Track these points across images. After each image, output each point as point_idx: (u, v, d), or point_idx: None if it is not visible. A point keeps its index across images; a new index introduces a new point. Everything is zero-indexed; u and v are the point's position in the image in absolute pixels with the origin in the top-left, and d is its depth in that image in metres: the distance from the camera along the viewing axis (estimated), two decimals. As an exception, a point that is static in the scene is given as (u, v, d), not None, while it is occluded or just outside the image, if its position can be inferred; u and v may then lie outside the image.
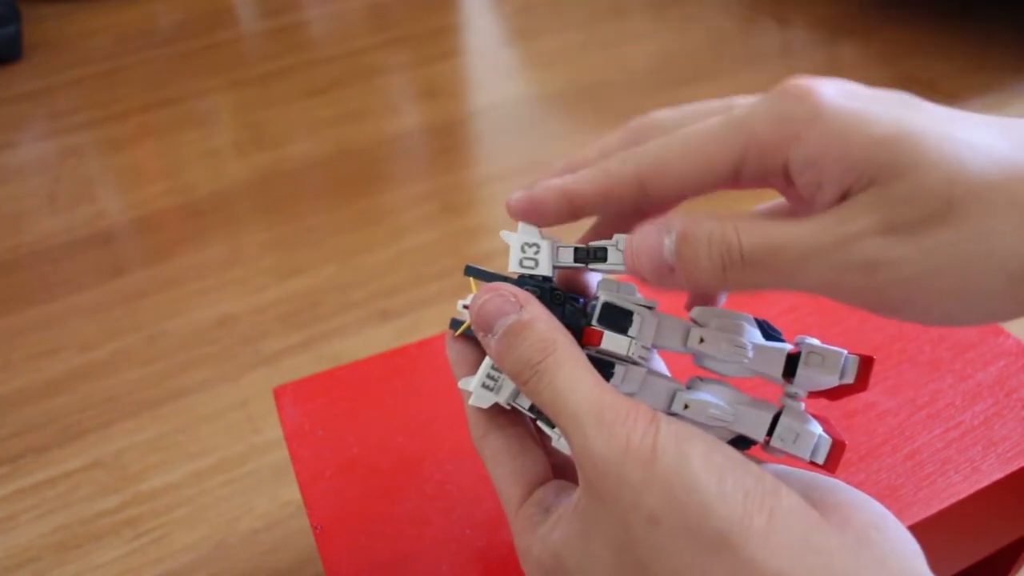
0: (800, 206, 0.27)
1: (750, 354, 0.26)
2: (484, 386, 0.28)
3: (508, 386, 0.28)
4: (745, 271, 0.23)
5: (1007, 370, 0.40)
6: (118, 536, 0.59)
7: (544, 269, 0.28)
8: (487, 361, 0.28)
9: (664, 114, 0.27)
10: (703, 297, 0.30)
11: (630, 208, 0.27)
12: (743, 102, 0.25)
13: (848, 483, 0.35)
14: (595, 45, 1.23)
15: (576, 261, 0.27)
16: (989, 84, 1.06)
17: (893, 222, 0.22)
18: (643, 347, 0.26)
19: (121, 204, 0.95)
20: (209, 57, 1.24)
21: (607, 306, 0.26)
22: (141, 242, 0.89)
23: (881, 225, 0.22)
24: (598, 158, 0.27)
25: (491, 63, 1.25)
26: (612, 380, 0.26)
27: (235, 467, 0.63)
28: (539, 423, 0.27)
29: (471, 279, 0.29)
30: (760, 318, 0.27)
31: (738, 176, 0.24)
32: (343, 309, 0.77)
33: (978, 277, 0.21)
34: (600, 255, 0.27)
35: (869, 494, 0.35)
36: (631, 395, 0.26)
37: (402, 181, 0.97)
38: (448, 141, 1.05)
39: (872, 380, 0.40)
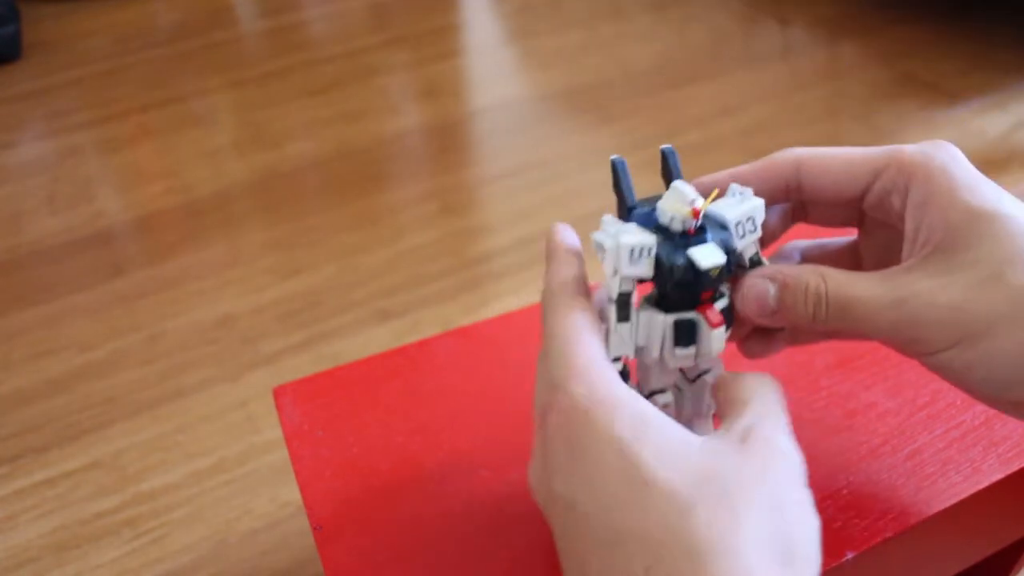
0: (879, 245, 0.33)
1: None
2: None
3: (646, 268, 0.28)
4: (829, 317, 0.29)
5: (1008, 370, 0.40)
6: (117, 536, 0.59)
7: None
8: (652, 238, 0.28)
9: None
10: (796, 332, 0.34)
11: (781, 191, 0.32)
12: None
13: (849, 483, 0.36)
14: (595, 45, 1.23)
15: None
16: (989, 84, 1.06)
17: (946, 288, 0.27)
18: None
19: (121, 204, 0.95)
20: (208, 57, 1.24)
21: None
22: (141, 242, 0.89)
23: (935, 291, 0.27)
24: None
25: (491, 63, 1.25)
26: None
27: (235, 467, 0.63)
28: (615, 305, 0.29)
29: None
30: None
31: (868, 190, 0.30)
32: (343, 309, 0.77)
33: (1007, 349, 0.27)
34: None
35: (869, 494, 0.35)
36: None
37: (402, 181, 0.97)
38: (448, 141, 1.05)
39: (873, 380, 0.40)
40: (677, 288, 0.28)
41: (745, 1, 1.32)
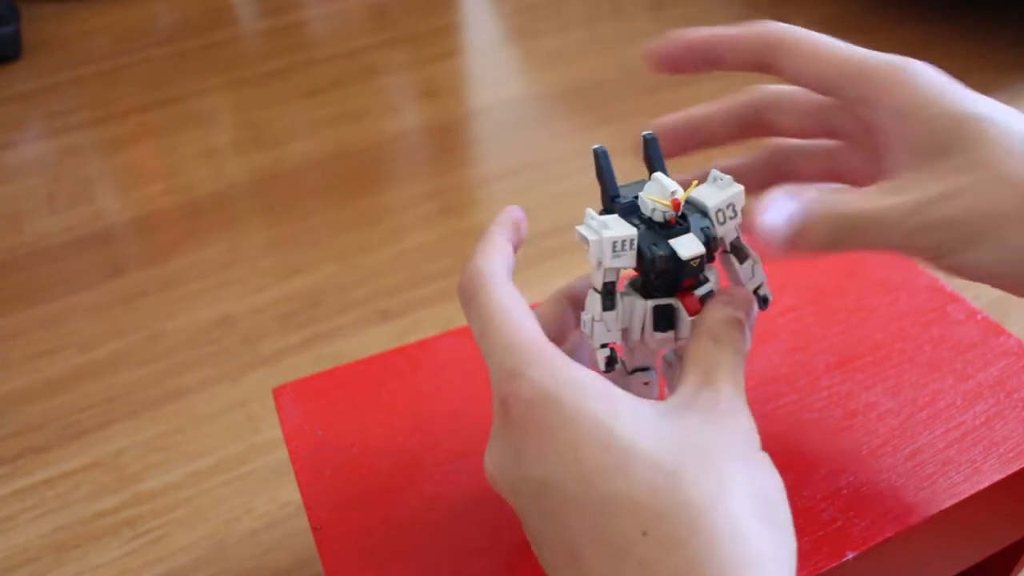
0: (862, 153, 0.33)
1: None
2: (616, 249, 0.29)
3: (629, 259, 0.29)
4: (850, 238, 0.28)
5: (1008, 370, 0.40)
6: (117, 536, 0.59)
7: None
8: (633, 231, 0.29)
9: None
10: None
11: (753, 65, 0.34)
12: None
13: (849, 483, 0.36)
14: (595, 45, 1.23)
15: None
16: (989, 84, 1.06)
17: (958, 191, 0.27)
18: None
19: (120, 204, 0.95)
20: (208, 56, 1.24)
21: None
22: (141, 242, 0.89)
23: (948, 194, 0.27)
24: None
25: (491, 63, 1.25)
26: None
27: (235, 467, 0.63)
28: (600, 295, 0.29)
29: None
30: None
31: (841, 87, 0.30)
32: (343, 309, 0.77)
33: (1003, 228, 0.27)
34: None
35: (870, 494, 0.35)
36: None
37: (402, 181, 0.97)
38: (448, 141, 1.05)
39: (873, 380, 0.40)
40: (659, 278, 0.29)
41: (745, 1, 1.32)
